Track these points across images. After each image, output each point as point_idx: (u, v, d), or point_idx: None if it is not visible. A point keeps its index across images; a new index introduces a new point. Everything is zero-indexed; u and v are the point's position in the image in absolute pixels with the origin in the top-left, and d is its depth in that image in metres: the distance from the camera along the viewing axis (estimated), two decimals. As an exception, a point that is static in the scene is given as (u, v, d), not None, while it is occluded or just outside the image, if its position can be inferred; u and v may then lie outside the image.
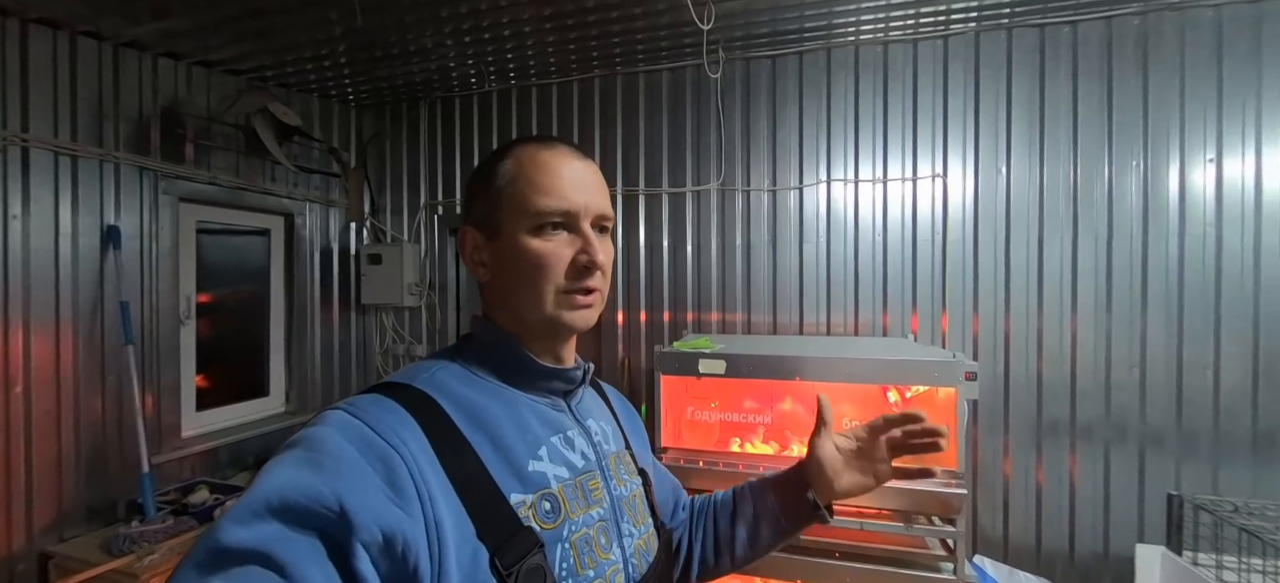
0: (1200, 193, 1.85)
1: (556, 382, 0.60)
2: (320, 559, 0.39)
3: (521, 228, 0.56)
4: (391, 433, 0.46)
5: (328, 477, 0.41)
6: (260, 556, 0.37)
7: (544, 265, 0.56)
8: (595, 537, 0.54)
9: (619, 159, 2.43)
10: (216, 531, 0.39)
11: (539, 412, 0.57)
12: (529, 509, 0.50)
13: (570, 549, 0.51)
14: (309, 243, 2.65)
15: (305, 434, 0.45)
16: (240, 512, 0.39)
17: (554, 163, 0.57)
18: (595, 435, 0.62)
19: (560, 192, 0.56)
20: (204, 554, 0.38)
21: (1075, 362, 1.94)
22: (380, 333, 2.84)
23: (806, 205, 2.21)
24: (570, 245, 0.57)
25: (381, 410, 0.48)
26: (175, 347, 2.14)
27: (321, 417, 0.47)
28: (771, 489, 0.76)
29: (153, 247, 2.05)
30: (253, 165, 2.37)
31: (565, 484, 0.54)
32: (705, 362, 1.52)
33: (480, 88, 2.61)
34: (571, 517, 0.53)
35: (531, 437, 0.54)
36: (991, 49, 2.02)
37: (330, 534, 0.40)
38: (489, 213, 0.58)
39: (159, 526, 1.79)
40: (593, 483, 0.57)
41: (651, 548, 0.63)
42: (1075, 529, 1.93)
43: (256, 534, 0.38)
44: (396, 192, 2.81)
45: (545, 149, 0.58)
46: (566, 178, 0.57)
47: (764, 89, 2.26)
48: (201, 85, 2.19)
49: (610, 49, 2.21)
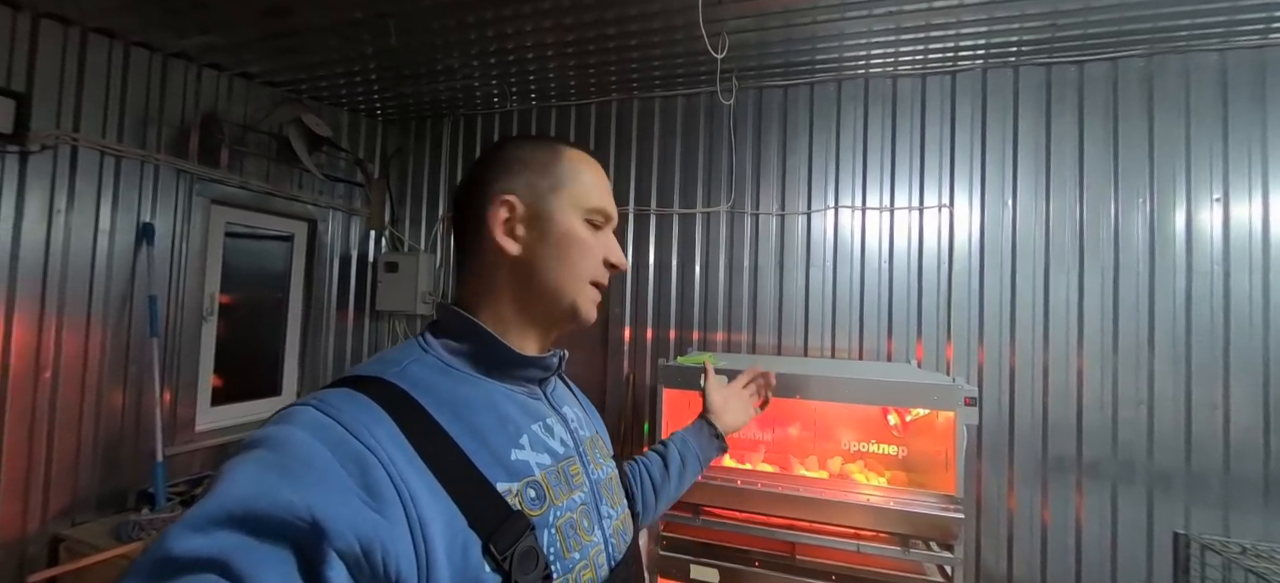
0: (1207, 232, 1.85)
1: (533, 370, 0.60)
2: (286, 572, 0.36)
3: (579, 216, 0.62)
4: (366, 432, 0.43)
5: (297, 484, 0.38)
6: (216, 564, 0.34)
7: (589, 252, 0.62)
8: (579, 521, 0.55)
9: (632, 179, 2.49)
10: (167, 538, 0.35)
11: (517, 401, 0.57)
12: (515, 497, 0.49)
13: (556, 534, 0.51)
14: (330, 248, 2.75)
15: (271, 433, 0.41)
16: (196, 519, 0.36)
17: (599, 173, 0.65)
18: (572, 422, 0.64)
19: (607, 197, 0.64)
20: (150, 564, 0.35)
21: (1082, 398, 1.93)
22: (392, 339, 2.90)
23: (814, 231, 2.25)
24: (603, 244, 0.64)
25: (354, 407, 0.45)
26: (196, 342, 2.21)
27: (288, 413, 0.44)
28: (694, 440, 0.99)
29: (183, 245, 2.14)
30: (282, 172, 2.48)
31: (548, 471, 0.55)
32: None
33: (502, 107, 2.71)
34: (556, 503, 0.53)
35: (512, 426, 0.54)
36: (998, 85, 2.07)
37: (301, 546, 0.37)
38: (543, 192, 0.60)
39: (167, 515, 1.84)
40: (573, 469, 0.58)
41: (628, 528, 0.66)
42: (1082, 568, 1.89)
43: (214, 543, 0.35)
44: (416, 203, 2.91)
45: (592, 158, 0.66)
46: (607, 188, 0.65)
47: (775, 117, 2.32)
48: (240, 96, 2.32)
49: (628, 74, 2.30)
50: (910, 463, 1.61)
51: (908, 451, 1.61)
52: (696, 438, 0.99)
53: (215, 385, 2.37)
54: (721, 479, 1.54)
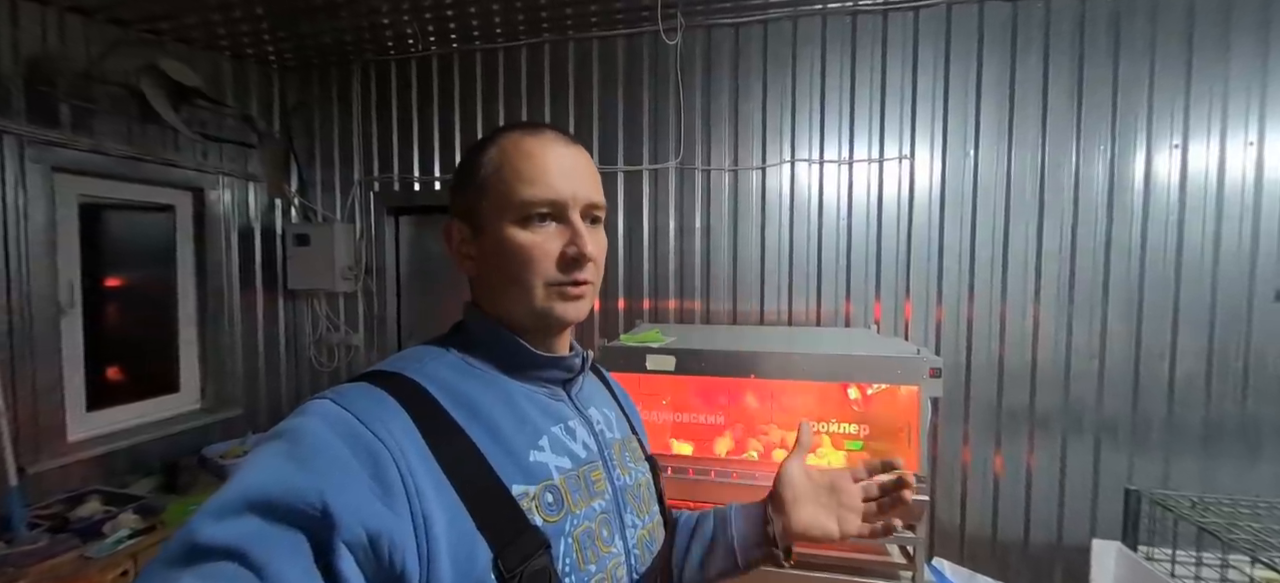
0: (1165, 179, 1.80)
1: (555, 370, 0.58)
2: (300, 558, 0.37)
3: (507, 220, 0.54)
4: (379, 425, 0.44)
5: (311, 472, 0.39)
6: (236, 553, 0.36)
7: (531, 259, 0.53)
8: (597, 530, 0.53)
9: (572, 133, 2.24)
10: (192, 526, 0.37)
11: (538, 402, 0.55)
12: (531, 501, 0.48)
13: (573, 544, 0.50)
14: (223, 221, 2.37)
15: (288, 426, 0.43)
16: (217, 507, 0.38)
17: (540, 151, 0.54)
18: (597, 424, 0.60)
19: (547, 181, 0.53)
20: (178, 550, 0.37)
21: (1036, 348, 1.90)
22: (313, 320, 2.60)
23: (769, 187, 2.08)
24: (559, 237, 0.54)
25: (370, 401, 0.45)
26: (54, 339, 1.86)
27: (306, 407, 0.45)
28: (738, 517, 0.70)
29: (21, 224, 1.76)
30: (150, 133, 2.08)
31: (567, 476, 0.52)
32: (653, 358, 1.38)
33: (419, 51, 2.36)
34: (574, 511, 0.51)
35: (531, 427, 0.53)
36: (963, 24, 1.92)
37: (313, 533, 0.38)
38: (473, 205, 0.56)
39: (30, 546, 1.55)
40: (595, 474, 0.56)
41: (657, 538, 0.61)
42: (1031, 519, 1.91)
43: (233, 531, 0.37)
44: (326, 166, 2.55)
45: (530, 136, 0.55)
46: (553, 166, 0.54)
47: (726, 61, 2.10)
48: (77, 36, 1.88)
49: (560, 11, 2.01)
50: (871, 437, 1.53)
51: (869, 429, 1.52)
52: (743, 518, 0.69)
53: (97, 385, 2.03)
54: (674, 470, 1.40)
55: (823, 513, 0.66)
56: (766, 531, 0.66)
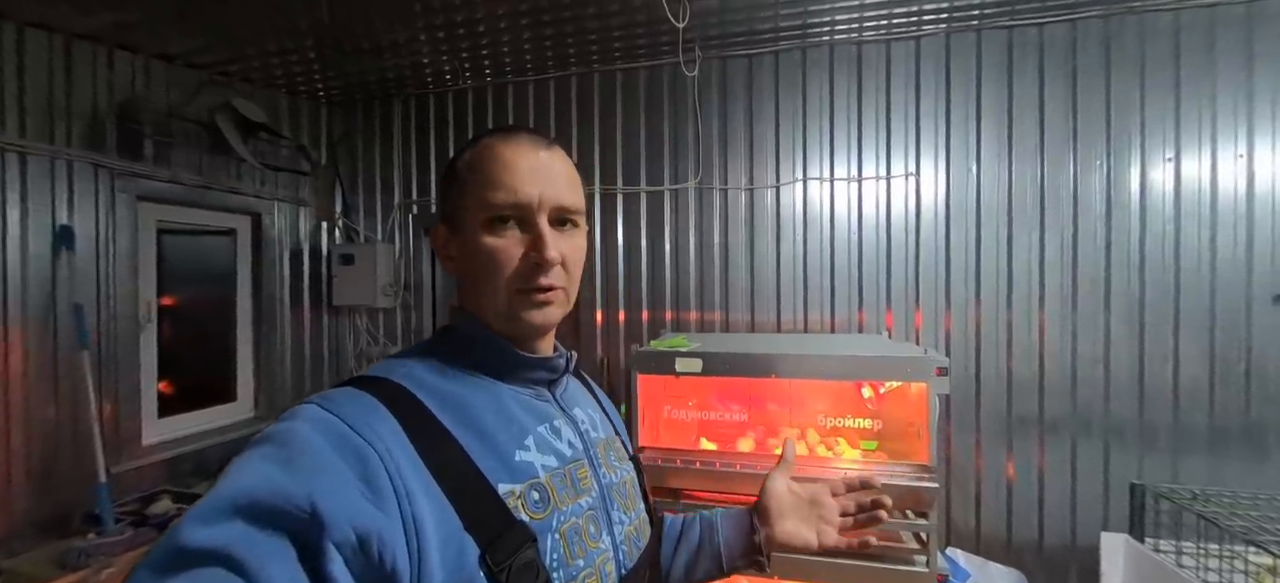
0: (1160, 191, 1.90)
1: (539, 371, 0.59)
2: (288, 561, 0.37)
3: (476, 222, 0.55)
4: (367, 428, 0.44)
5: (299, 475, 0.39)
6: (222, 556, 0.36)
7: (494, 263, 0.54)
8: (584, 526, 0.53)
9: (597, 157, 2.41)
10: (178, 530, 0.37)
11: (523, 402, 0.56)
12: (517, 499, 0.49)
13: (560, 540, 0.50)
14: (278, 243, 2.58)
15: (276, 429, 0.43)
16: (204, 511, 0.37)
17: (508, 154, 0.55)
18: (582, 424, 0.61)
19: (510, 185, 0.54)
20: (162, 555, 0.36)
21: (1043, 357, 1.98)
22: (353, 335, 2.78)
23: (783, 204, 2.22)
24: (522, 242, 0.54)
25: (357, 405, 0.46)
26: (135, 351, 2.06)
27: (293, 411, 0.45)
28: (724, 525, 0.74)
29: (109, 248, 1.97)
30: (217, 163, 2.30)
31: (553, 474, 0.53)
32: (681, 360, 1.51)
33: (455, 85, 2.56)
34: (560, 507, 0.52)
35: (517, 427, 0.53)
36: (961, 49, 2.05)
37: (301, 536, 0.38)
38: (454, 207, 0.57)
39: (117, 538, 1.72)
40: (581, 472, 0.56)
41: (643, 535, 0.62)
42: (1044, 521, 1.98)
43: (220, 534, 0.36)
44: (369, 191, 2.75)
45: (501, 139, 0.56)
46: (521, 169, 0.54)
47: (740, 88, 2.26)
48: (160, 80, 2.11)
49: (587, 46, 2.19)
50: (884, 434, 1.63)
51: (882, 424, 1.62)
52: (729, 526, 0.73)
53: (165, 394, 2.22)
54: (701, 463, 1.52)
55: (804, 526, 0.71)
56: (752, 539, 0.71)
